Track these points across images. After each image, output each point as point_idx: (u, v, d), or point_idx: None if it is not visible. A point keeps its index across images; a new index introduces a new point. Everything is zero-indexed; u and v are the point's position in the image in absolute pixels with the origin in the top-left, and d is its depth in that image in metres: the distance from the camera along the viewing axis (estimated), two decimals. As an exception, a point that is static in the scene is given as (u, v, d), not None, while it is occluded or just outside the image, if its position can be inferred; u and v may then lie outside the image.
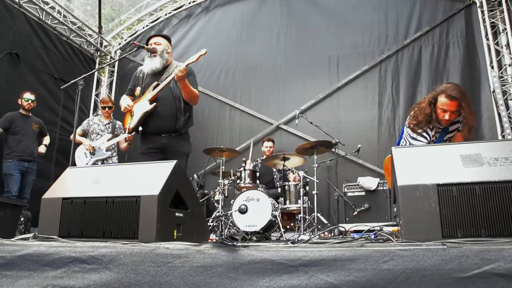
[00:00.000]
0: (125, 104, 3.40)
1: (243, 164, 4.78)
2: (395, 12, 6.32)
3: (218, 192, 4.83)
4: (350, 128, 6.12)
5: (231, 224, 4.25)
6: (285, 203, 4.77)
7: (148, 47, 3.34)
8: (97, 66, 7.62)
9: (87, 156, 5.13)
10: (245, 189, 4.39)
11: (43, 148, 5.36)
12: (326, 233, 3.98)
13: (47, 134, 5.49)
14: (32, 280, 1.59)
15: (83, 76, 3.48)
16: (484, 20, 5.73)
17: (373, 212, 4.97)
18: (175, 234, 1.91)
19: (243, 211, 4.01)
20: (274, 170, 5.61)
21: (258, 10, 7.09)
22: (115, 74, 7.88)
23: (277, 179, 5.61)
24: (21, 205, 2.99)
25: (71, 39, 7.02)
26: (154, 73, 3.39)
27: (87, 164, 5.02)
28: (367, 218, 4.88)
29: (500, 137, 5.21)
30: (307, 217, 4.39)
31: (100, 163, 5.07)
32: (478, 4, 5.84)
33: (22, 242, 1.76)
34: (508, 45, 5.56)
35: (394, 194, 1.91)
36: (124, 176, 2.05)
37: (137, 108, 3.35)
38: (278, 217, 4.11)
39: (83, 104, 7.20)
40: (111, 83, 7.88)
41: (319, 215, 4.43)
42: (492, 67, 5.51)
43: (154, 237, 1.72)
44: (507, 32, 5.56)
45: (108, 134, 5.24)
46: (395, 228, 1.91)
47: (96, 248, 1.59)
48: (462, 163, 1.64)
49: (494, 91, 5.33)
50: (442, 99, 2.66)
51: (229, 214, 4.18)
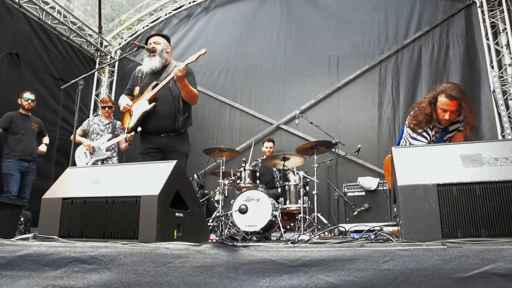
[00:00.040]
0: (124, 103, 3.40)
1: (243, 164, 4.78)
2: (395, 12, 6.32)
3: (218, 192, 4.82)
4: (350, 128, 6.12)
5: (231, 224, 4.25)
6: (285, 203, 4.76)
7: (148, 47, 3.33)
8: (97, 66, 7.62)
9: (87, 156, 5.13)
10: (245, 189, 4.38)
11: (44, 147, 5.36)
12: (326, 233, 3.98)
13: (46, 135, 5.49)
14: (32, 280, 1.59)
15: (83, 76, 3.48)
16: (484, 20, 5.73)
17: (373, 212, 4.97)
18: (175, 234, 1.91)
19: (243, 211, 4.01)
20: (274, 170, 5.61)
21: (258, 10, 7.09)
22: (115, 74, 7.89)
23: (277, 179, 5.61)
24: (21, 205, 3.00)
25: (71, 39, 7.02)
26: (153, 72, 3.39)
27: (87, 164, 5.02)
28: (367, 218, 4.89)
29: (500, 137, 5.21)
30: (307, 217, 4.38)
31: (100, 163, 5.07)
32: (478, 4, 5.84)
33: (22, 242, 1.76)
34: (508, 45, 5.56)
35: (394, 194, 1.91)
36: (124, 176, 2.05)
37: (136, 108, 3.34)
38: (278, 217, 4.11)
39: (83, 104, 7.20)
40: (111, 83, 7.88)
41: (319, 215, 4.43)
42: (492, 67, 5.51)
43: (154, 237, 1.72)
44: (507, 32, 5.56)
45: (108, 134, 5.24)
46: (395, 228, 1.91)
47: (96, 248, 1.59)
48: (462, 163, 1.64)
49: (494, 91, 5.33)
50: (442, 99, 2.66)
51: (229, 214, 4.18)
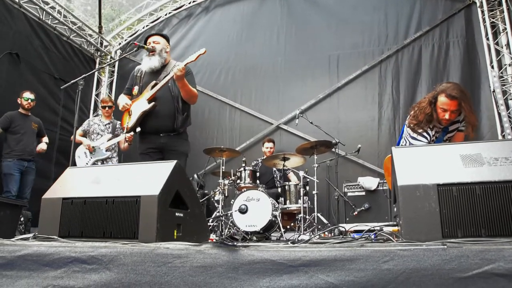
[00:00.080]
0: (123, 102, 3.39)
1: (243, 164, 4.78)
2: (395, 12, 6.32)
3: (218, 192, 4.82)
4: (350, 128, 6.12)
5: (231, 224, 4.25)
6: (285, 203, 4.76)
7: (148, 47, 3.33)
8: (97, 66, 7.62)
9: (87, 156, 5.13)
10: (245, 189, 4.39)
11: (44, 145, 5.32)
12: (326, 233, 3.98)
13: (45, 135, 5.46)
14: (32, 280, 1.59)
15: (83, 76, 3.48)
16: (484, 20, 5.73)
17: (373, 212, 4.97)
18: (175, 234, 1.91)
19: (243, 211, 4.01)
20: (275, 170, 5.61)
21: (258, 10, 7.09)
22: (115, 74, 7.88)
23: (277, 179, 5.61)
24: (21, 205, 3.00)
25: (71, 39, 7.02)
26: (153, 71, 3.38)
27: (87, 164, 5.02)
28: (367, 218, 4.88)
29: (500, 137, 5.21)
30: (307, 217, 4.38)
31: (100, 163, 5.07)
32: (478, 4, 5.84)
33: (22, 242, 1.76)
34: (508, 45, 5.55)
35: (394, 194, 1.91)
36: (124, 176, 2.04)
37: (135, 107, 3.34)
38: (278, 217, 4.11)
39: (83, 104, 7.20)
40: (111, 83, 7.88)
41: (319, 215, 4.43)
42: (492, 67, 5.51)
43: (154, 237, 1.72)
44: (507, 32, 5.56)
45: (108, 134, 5.24)
46: (395, 228, 1.91)
47: (96, 248, 1.59)
48: (462, 163, 1.64)
49: (494, 91, 5.33)
50: (442, 99, 2.66)
51: (229, 214, 4.18)
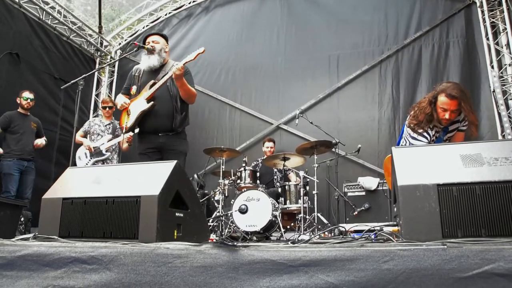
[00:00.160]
0: (121, 101, 3.38)
1: (243, 164, 4.78)
2: (395, 12, 6.32)
3: (218, 192, 4.82)
4: (350, 128, 6.12)
5: (231, 224, 4.25)
6: (285, 203, 4.76)
7: (148, 47, 3.33)
8: (97, 66, 7.62)
9: (87, 157, 5.13)
10: (245, 189, 4.38)
11: (42, 141, 5.23)
12: (326, 233, 3.98)
13: (43, 136, 5.42)
14: (32, 280, 1.59)
15: (83, 76, 3.48)
16: (484, 19, 5.73)
17: (373, 212, 4.97)
18: (175, 234, 1.91)
19: (243, 211, 4.01)
20: (275, 170, 5.61)
21: (258, 10, 7.09)
22: (115, 74, 7.88)
23: (277, 179, 5.61)
24: (21, 205, 3.00)
25: (71, 39, 7.02)
26: (151, 70, 3.38)
27: (86, 165, 5.02)
28: (367, 218, 4.89)
29: (500, 137, 5.21)
30: (307, 217, 4.38)
31: (100, 164, 5.07)
32: (478, 4, 5.84)
33: (22, 242, 1.76)
34: (508, 44, 5.55)
35: (394, 194, 1.91)
36: (124, 176, 2.04)
37: (133, 107, 3.33)
38: (278, 217, 4.11)
39: (83, 104, 7.20)
40: (111, 83, 7.88)
41: (319, 215, 4.43)
42: (492, 67, 5.51)
43: (154, 237, 1.72)
44: (507, 32, 5.56)
45: (109, 135, 5.24)
46: (395, 228, 1.91)
47: (96, 248, 1.59)
48: (462, 163, 1.64)
49: (494, 91, 5.33)
50: (442, 98, 2.66)
51: (229, 214, 4.18)
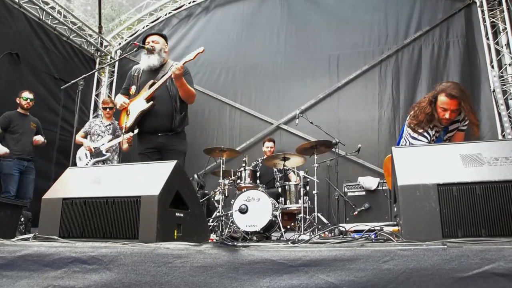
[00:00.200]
0: (121, 101, 3.38)
1: (244, 164, 4.78)
2: (395, 12, 6.32)
3: (218, 192, 4.82)
4: (350, 128, 6.12)
5: (231, 224, 4.25)
6: (285, 203, 4.76)
7: (148, 47, 3.33)
8: (97, 66, 7.62)
9: (87, 157, 5.13)
10: (245, 189, 4.38)
11: (41, 137, 5.20)
12: (327, 233, 3.98)
13: (43, 136, 5.43)
14: (33, 280, 1.59)
15: (83, 76, 3.48)
16: (484, 19, 5.73)
17: (373, 212, 4.97)
18: (176, 234, 1.90)
19: (243, 211, 4.01)
20: (275, 170, 5.61)
21: (258, 10, 7.09)
22: (115, 74, 7.88)
23: (277, 179, 5.61)
24: (21, 205, 3.00)
25: (71, 39, 7.02)
26: (151, 70, 3.38)
27: (86, 165, 5.02)
28: (367, 218, 4.89)
29: (500, 136, 5.21)
30: (308, 217, 4.38)
31: (100, 164, 5.07)
32: (478, 4, 5.84)
33: (23, 243, 1.76)
34: (508, 44, 5.55)
35: (394, 194, 1.91)
36: (125, 176, 2.04)
37: (133, 107, 3.33)
38: (278, 217, 4.10)
39: (83, 104, 7.20)
40: (111, 83, 7.88)
41: (319, 215, 4.43)
42: (492, 67, 5.51)
43: (155, 237, 1.72)
44: (507, 32, 5.56)
45: (109, 136, 5.24)
46: (396, 228, 1.91)
47: (97, 249, 1.59)
48: (462, 163, 1.64)
49: (494, 91, 5.33)
50: (442, 98, 2.66)
51: (229, 214, 4.18)
